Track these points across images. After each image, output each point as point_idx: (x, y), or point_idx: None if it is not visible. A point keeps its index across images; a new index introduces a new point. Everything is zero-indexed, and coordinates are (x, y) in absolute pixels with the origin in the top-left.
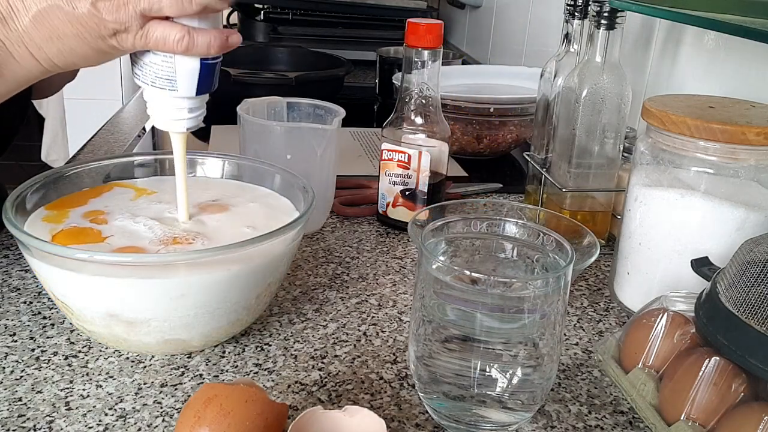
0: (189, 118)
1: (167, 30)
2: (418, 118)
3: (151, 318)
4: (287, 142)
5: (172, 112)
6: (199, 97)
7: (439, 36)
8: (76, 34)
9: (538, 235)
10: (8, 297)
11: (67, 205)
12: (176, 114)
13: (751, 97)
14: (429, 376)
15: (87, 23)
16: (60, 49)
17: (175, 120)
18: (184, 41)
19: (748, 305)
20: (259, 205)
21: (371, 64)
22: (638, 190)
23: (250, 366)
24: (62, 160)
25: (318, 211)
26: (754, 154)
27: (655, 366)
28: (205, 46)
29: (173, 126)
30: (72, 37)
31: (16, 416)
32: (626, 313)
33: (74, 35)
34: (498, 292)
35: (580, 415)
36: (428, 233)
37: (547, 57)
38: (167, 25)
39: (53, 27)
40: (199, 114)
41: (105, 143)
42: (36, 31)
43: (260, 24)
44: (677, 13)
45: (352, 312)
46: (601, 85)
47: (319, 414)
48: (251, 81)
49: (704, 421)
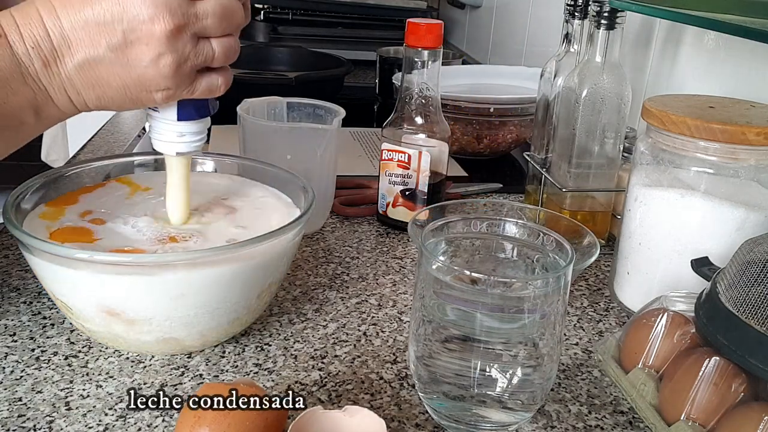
0: (179, 143)
1: (212, 78)
2: (418, 118)
3: (151, 317)
4: (287, 142)
5: (163, 134)
6: (190, 123)
7: (439, 36)
8: (123, 86)
9: (538, 235)
10: (8, 297)
11: (63, 203)
12: (166, 136)
13: (751, 97)
14: (429, 376)
15: (139, 78)
16: (99, 96)
17: (165, 142)
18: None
19: (748, 305)
20: (258, 204)
21: (371, 64)
22: (638, 190)
23: (250, 366)
24: (62, 160)
25: (318, 211)
26: (754, 154)
27: (655, 366)
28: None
29: (163, 148)
30: (116, 89)
31: (16, 416)
32: (626, 313)
33: (120, 87)
34: (498, 292)
35: (580, 415)
36: (428, 233)
37: (547, 57)
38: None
39: (98, 77)
40: (194, 141)
41: (105, 143)
42: (78, 77)
43: (260, 24)
44: (677, 13)
45: (352, 312)
46: (601, 85)
47: (319, 414)
48: (251, 81)
49: (704, 421)
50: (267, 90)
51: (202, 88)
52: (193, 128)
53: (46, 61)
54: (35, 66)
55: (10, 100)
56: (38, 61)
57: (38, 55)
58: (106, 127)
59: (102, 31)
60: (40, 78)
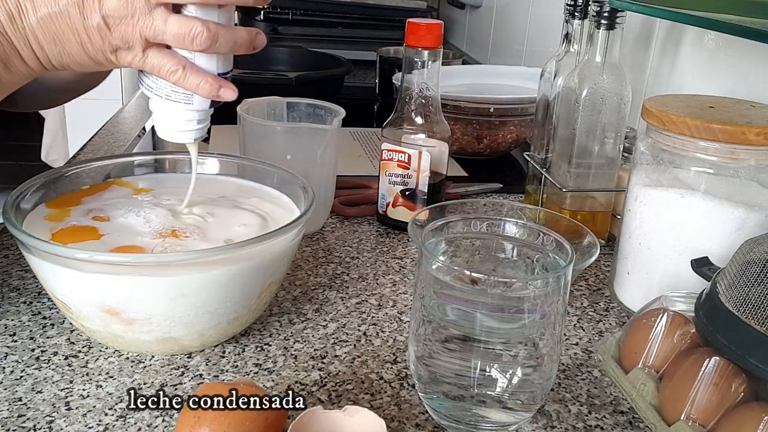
0: (197, 129)
1: (165, 59)
2: (418, 118)
3: (150, 317)
4: (287, 142)
5: (180, 124)
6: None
7: (439, 36)
8: (80, 42)
9: (538, 235)
10: (8, 297)
11: (67, 203)
12: (185, 125)
13: (751, 97)
14: (429, 376)
15: (93, 35)
16: (60, 52)
17: (184, 131)
18: (177, 74)
19: (748, 305)
20: (258, 204)
21: (371, 64)
22: (638, 190)
23: (250, 366)
24: (62, 160)
25: (318, 211)
26: (754, 154)
27: (655, 366)
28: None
29: (181, 137)
30: (75, 44)
31: (16, 416)
32: (626, 313)
33: (77, 43)
34: (498, 292)
35: (580, 415)
36: (428, 233)
37: (547, 57)
38: (166, 54)
39: (59, 31)
40: (206, 125)
41: (105, 143)
42: (41, 31)
43: (260, 24)
44: (677, 13)
45: (352, 312)
46: (601, 85)
47: (319, 414)
48: (251, 81)
49: (704, 421)
50: (267, 90)
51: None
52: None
53: (10, 13)
54: (1, 18)
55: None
56: (3, 13)
57: (3, 8)
58: (106, 127)
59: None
60: (5, 29)
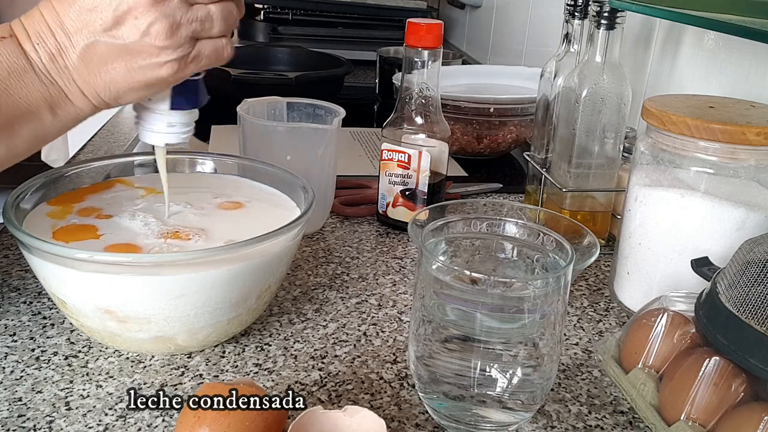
0: (167, 133)
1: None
2: (418, 118)
3: (150, 317)
4: (287, 142)
5: (150, 125)
6: (180, 113)
7: (439, 36)
8: (126, 67)
9: (538, 235)
10: (8, 297)
11: (69, 201)
12: (154, 127)
13: (751, 97)
14: (429, 376)
15: (138, 53)
16: (107, 82)
17: (153, 132)
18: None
19: (748, 305)
20: (258, 204)
21: (371, 64)
22: (638, 190)
23: (250, 366)
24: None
25: (318, 211)
26: (754, 154)
27: (655, 366)
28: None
29: (150, 138)
30: (121, 72)
31: (16, 416)
32: (626, 313)
33: (123, 68)
34: (498, 292)
35: (580, 415)
36: (428, 233)
37: (547, 57)
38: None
39: (101, 61)
40: (182, 132)
41: (105, 143)
42: (84, 66)
43: (260, 24)
44: (677, 13)
45: (352, 312)
46: (601, 85)
47: (319, 414)
48: (251, 81)
49: (704, 421)
50: (267, 90)
51: (207, 52)
52: (183, 119)
53: (51, 54)
54: (43, 60)
55: (24, 94)
56: (45, 55)
57: (44, 50)
58: (106, 127)
59: (94, 15)
60: (49, 71)
